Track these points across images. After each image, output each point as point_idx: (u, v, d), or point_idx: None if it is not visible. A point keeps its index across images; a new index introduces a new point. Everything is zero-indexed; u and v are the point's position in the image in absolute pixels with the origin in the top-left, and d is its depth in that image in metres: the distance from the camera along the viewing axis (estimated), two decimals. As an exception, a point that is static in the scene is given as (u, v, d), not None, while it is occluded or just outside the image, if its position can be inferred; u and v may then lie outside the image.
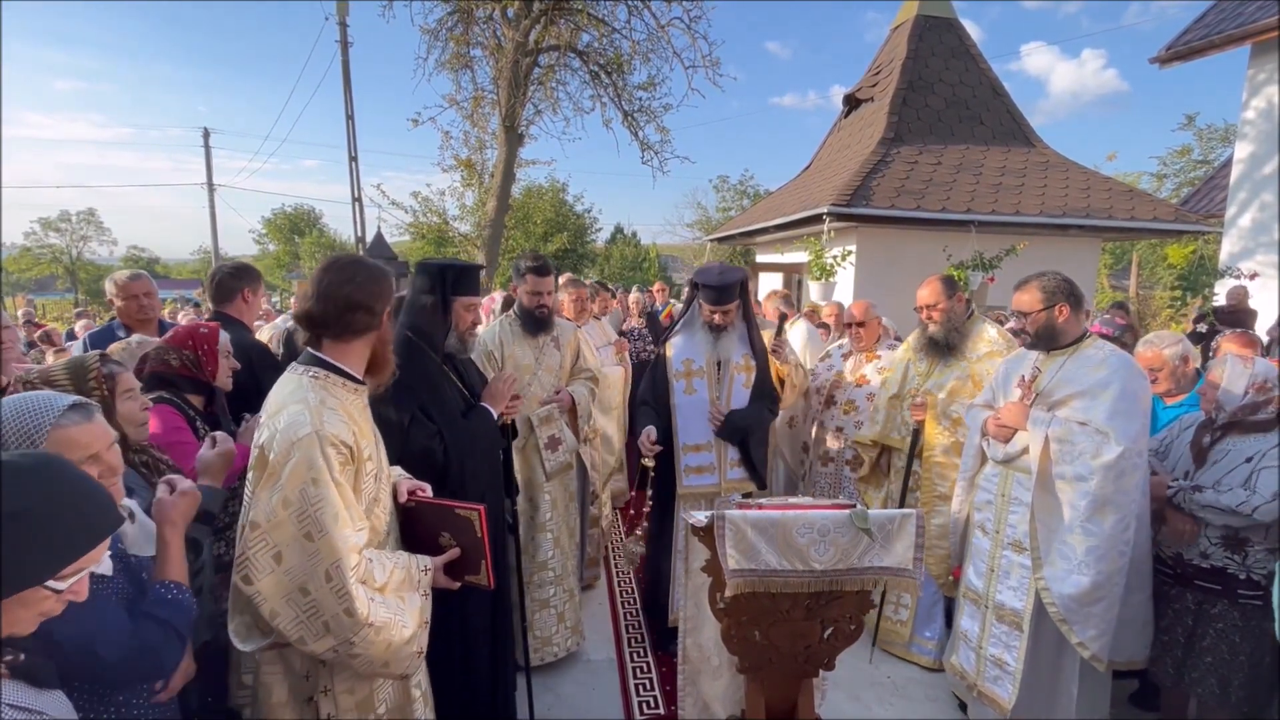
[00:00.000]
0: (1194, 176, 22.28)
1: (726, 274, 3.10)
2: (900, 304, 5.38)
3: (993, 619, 2.62)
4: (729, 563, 1.85)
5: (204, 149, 24.65)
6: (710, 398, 3.13)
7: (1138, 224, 7.54)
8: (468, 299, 2.35)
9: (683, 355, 3.18)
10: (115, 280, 3.44)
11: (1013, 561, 2.56)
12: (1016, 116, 9.02)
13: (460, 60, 13.05)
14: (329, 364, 1.64)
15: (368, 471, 1.65)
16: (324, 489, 1.48)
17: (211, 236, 24.99)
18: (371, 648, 1.53)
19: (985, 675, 2.64)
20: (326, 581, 1.46)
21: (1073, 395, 2.42)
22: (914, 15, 9.04)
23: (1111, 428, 2.28)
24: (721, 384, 3.15)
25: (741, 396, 3.15)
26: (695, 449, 3.15)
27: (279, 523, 1.46)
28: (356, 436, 1.60)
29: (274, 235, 38.21)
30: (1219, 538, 2.33)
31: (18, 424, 1.25)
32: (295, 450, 1.48)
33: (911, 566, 1.90)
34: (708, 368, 3.14)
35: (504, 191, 13.37)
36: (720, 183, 26.82)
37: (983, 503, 2.73)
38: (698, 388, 3.15)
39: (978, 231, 6.98)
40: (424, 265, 2.40)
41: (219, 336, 2.24)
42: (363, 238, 14.58)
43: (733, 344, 3.13)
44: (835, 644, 2.12)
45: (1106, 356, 2.43)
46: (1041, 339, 2.54)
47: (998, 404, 2.74)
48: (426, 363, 2.32)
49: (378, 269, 1.69)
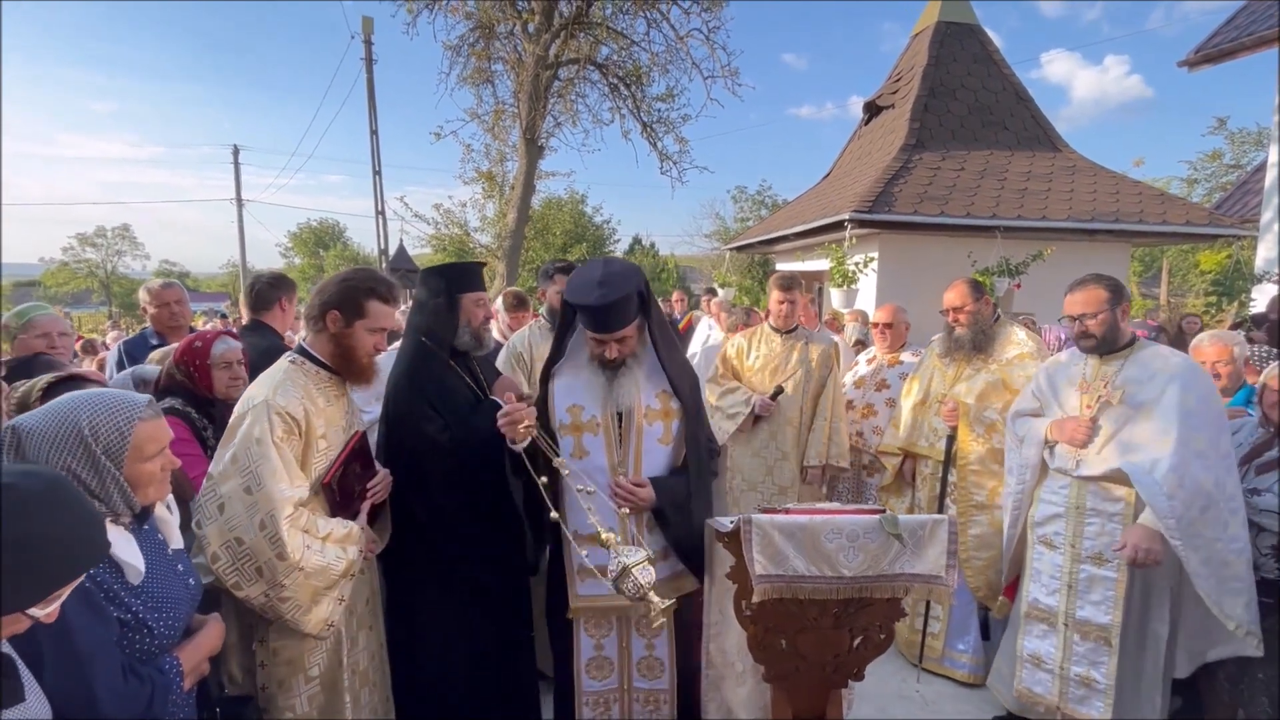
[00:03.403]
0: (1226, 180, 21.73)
1: (610, 286, 2.00)
2: (923, 310, 5.29)
3: (1075, 637, 2.50)
4: (756, 568, 1.80)
5: (233, 165, 25.39)
6: (609, 463, 2.12)
7: (1170, 228, 7.35)
8: (474, 294, 2.36)
9: (569, 398, 2.17)
10: (148, 288, 3.53)
11: (1094, 575, 2.45)
12: (1041, 121, 8.88)
13: (481, 75, 13.28)
14: (305, 351, 1.97)
15: (319, 449, 1.89)
16: (265, 448, 1.72)
17: (240, 250, 25.67)
18: (300, 591, 1.74)
19: (1070, 696, 2.52)
20: (260, 530, 1.67)
21: (1146, 401, 2.34)
22: (935, 21, 8.98)
23: (1175, 476, 2.21)
24: (626, 442, 2.13)
25: (658, 457, 2.16)
26: (591, 540, 1.94)
27: (227, 475, 1.71)
28: (309, 414, 1.85)
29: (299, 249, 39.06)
30: (1270, 548, 2.23)
31: (108, 418, 1.27)
32: (249, 415, 1.76)
33: (944, 574, 1.84)
34: (604, 419, 2.13)
35: (524, 203, 13.51)
36: (738, 193, 26.77)
37: (1047, 516, 2.60)
38: (590, 448, 2.14)
39: (1003, 237, 6.86)
40: (426, 271, 2.42)
41: (211, 349, 2.23)
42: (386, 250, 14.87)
43: (638, 382, 2.12)
44: (865, 654, 2.05)
45: (1167, 359, 2.35)
46: (1106, 340, 2.43)
47: (1050, 412, 2.64)
48: (434, 362, 2.33)
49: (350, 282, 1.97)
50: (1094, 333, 2.42)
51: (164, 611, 1.37)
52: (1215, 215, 8.37)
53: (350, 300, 1.93)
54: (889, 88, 9.41)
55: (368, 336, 1.96)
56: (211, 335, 2.29)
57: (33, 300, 2.67)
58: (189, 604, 1.48)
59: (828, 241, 7.61)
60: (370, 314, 1.95)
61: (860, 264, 6.56)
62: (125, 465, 1.28)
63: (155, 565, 1.39)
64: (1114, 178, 8.23)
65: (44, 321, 2.58)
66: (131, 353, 3.44)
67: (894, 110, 9.08)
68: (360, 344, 1.96)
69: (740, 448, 3.68)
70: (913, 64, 9.06)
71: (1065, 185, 7.82)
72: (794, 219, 9.01)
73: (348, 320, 1.93)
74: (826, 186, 10.03)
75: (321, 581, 1.79)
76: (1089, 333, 2.42)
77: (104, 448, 1.25)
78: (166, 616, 1.38)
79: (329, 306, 1.93)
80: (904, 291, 6.39)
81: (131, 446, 1.28)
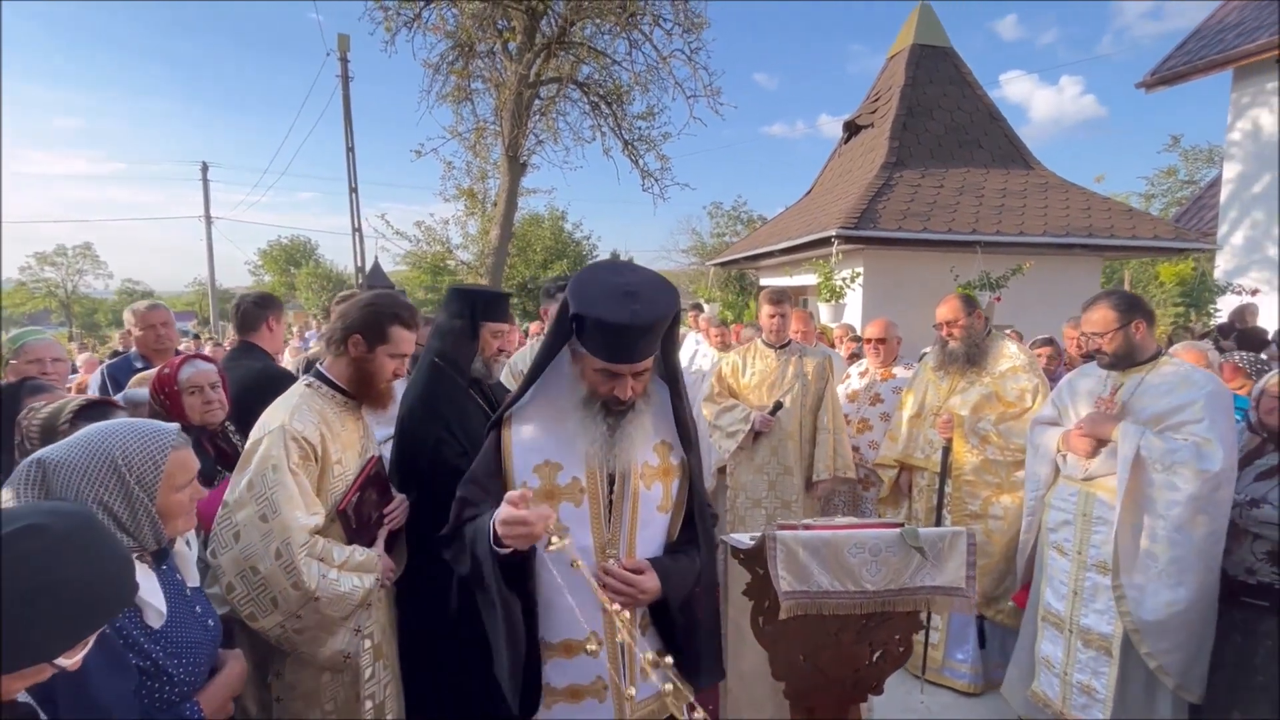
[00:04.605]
0: (1181, 196, 22.65)
1: (646, 300, 1.38)
2: (908, 324, 5.40)
3: (1078, 644, 2.54)
4: (781, 585, 1.80)
5: (202, 182, 24.99)
6: (596, 543, 1.51)
7: (1139, 242, 7.63)
8: (495, 325, 2.36)
9: (536, 454, 1.53)
10: (134, 310, 3.44)
11: (1098, 584, 2.49)
12: (1014, 140, 9.18)
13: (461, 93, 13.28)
14: (322, 375, 1.95)
15: (335, 474, 1.85)
16: (281, 475, 1.69)
17: (208, 268, 25.19)
18: (317, 621, 1.72)
19: (1072, 704, 2.54)
20: (276, 559, 1.64)
21: (1161, 412, 2.38)
22: (910, 44, 9.26)
23: (1214, 436, 2.24)
24: (620, 512, 1.52)
25: (655, 530, 1.58)
26: (567, 649, 1.53)
27: (242, 502, 1.68)
28: (325, 439, 1.81)
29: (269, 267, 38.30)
30: (1265, 553, 2.30)
31: (141, 447, 1.24)
32: (265, 440, 1.73)
33: (964, 585, 1.87)
34: (592, 483, 1.51)
35: (507, 220, 13.49)
36: (714, 209, 27.13)
37: (1058, 523, 2.65)
38: (569, 522, 1.51)
39: (983, 252, 7.04)
40: (455, 290, 2.43)
41: (178, 375, 2.17)
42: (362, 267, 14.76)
43: (643, 432, 1.52)
44: (884, 667, 2.06)
45: (1189, 372, 2.39)
46: (1120, 358, 2.48)
47: (1066, 421, 2.69)
48: (452, 387, 2.31)
49: (374, 307, 1.94)
50: (1106, 350, 2.49)
51: (184, 657, 1.32)
52: (1181, 229, 8.72)
53: (374, 325, 1.93)
54: (868, 107, 9.65)
55: (389, 362, 1.96)
56: (179, 361, 2.23)
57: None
58: (210, 646, 1.43)
59: (814, 257, 7.74)
60: (393, 339, 1.95)
61: (847, 279, 6.67)
62: (159, 496, 1.25)
63: (175, 607, 1.35)
64: (1084, 194, 8.53)
65: (37, 347, 2.52)
66: (115, 376, 3.34)
67: (874, 129, 9.31)
68: (381, 369, 1.95)
69: (742, 465, 3.69)
70: (890, 84, 9.32)
71: (1039, 201, 8.08)
72: (779, 235, 9.14)
73: (370, 345, 1.93)
74: (810, 203, 10.21)
75: (338, 611, 1.76)
76: (1102, 350, 2.49)
77: (137, 478, 1.22)
78: (186, 663, 1.33)
79: (351, 330, 1.92)
80: (889, 306, 6.52)
81: (165, 476, 1.25)
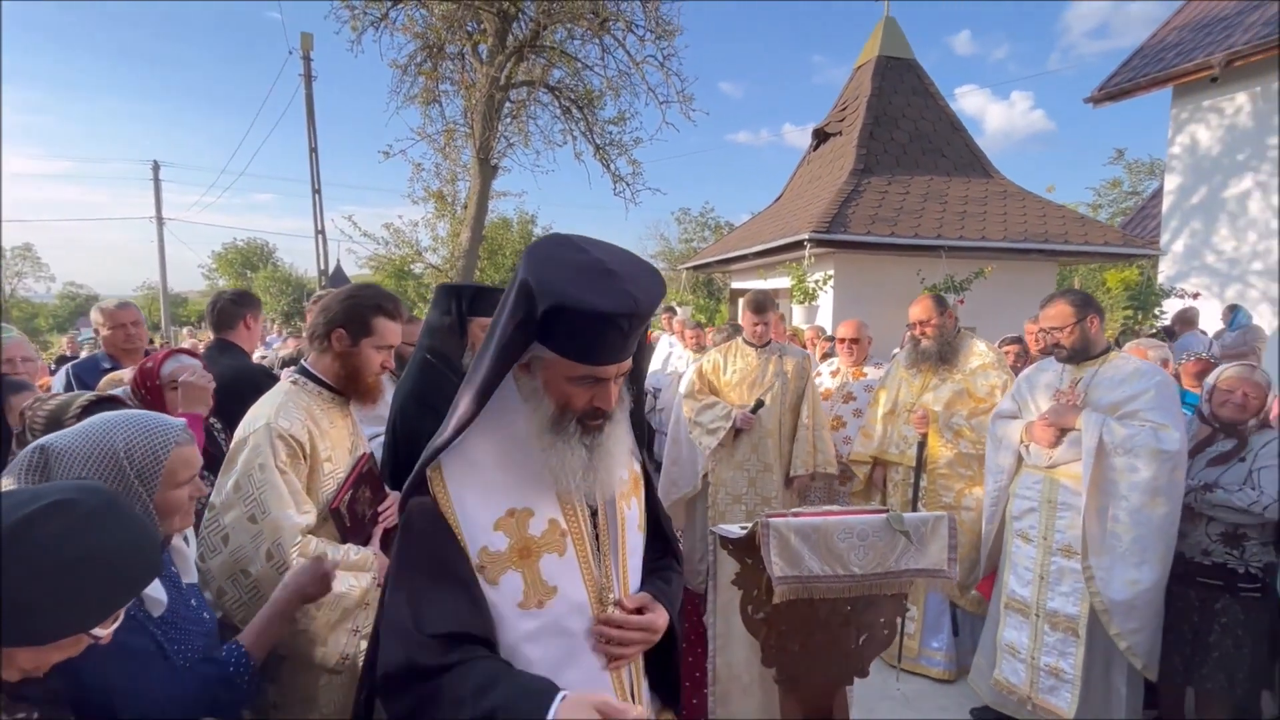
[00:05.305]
0: (1126, 206, 23.82)
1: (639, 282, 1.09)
2: (878, 325, 5.56)
3: (1045, 627, 2.64)
4: (775, 570, 1.86)
5: (153, 182, 24.14)
6: (590, 595, 1.20)
7: (1092, 248, 8.00)
8: (484, 320, 2.36)
9: (497, 503, 1.16)
10: (102, 309, 3.33)
11: (1064, 567, 2.60)
12: (974, 149, 9.54)
13: (430, 95, 13.15)
14: (308, 371, 1.90)
15: (325, 472, 1.82)
16: (269, 474, 1.65)
17: (160, 271, 24.31)
18: (313, 623, 1.66)
19: (1040, 686, 2.64)
20: (268, 560, 1.61)
21: (1117, 401, 2.52)
22: (876, 55, 9.55)
23: (1169, 421, 2.40)
24: (610, 546, 1.25)
25: (639, 553, 1.33)
26: None
27: (230, 504, 1.64)
28: (313, 436, 1.77)
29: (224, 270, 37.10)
30: (1219, 535, 2.45)
31: (145, 440, 1.22)
32: (250, 439, 1.68)
33: (947, 567, 1.95)
34: (569, 522, 1.20)
35: (478, 223, 13.38)
36: (682, 215, 27.49)
37: (1023, 511, 2.76)
38: (556, 578, 1.19)
39: (947, 256, 7.30)
40: (442, 287, 2.44)
41: (161, 369, 2.15)
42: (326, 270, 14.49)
43: (621, 444, 1.23)
44: (869, 650, 2.13)
45: (1138, 365, 2.55)
46: (1077, 351, 2.63)
47: (1026, 414, 2.81)
48: (444, 382, 2.31)
49: (356, 300, 1.90)
50: (1064, 344, 2.64)
51: (183, 644, 1.32)
52: (1129, 236, 9.18)
53: (357, 318, 1.88)
54: (836, 116, 9.90)
55: (375, 354, 1.92)
56: (162, 354, 2.20)
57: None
58: (207, 640, 1.41)
59: (787, 260, 7.90)
60: (377, 331, 1.91)
61: (819, 281, 6.84)
62: (158, 491, 1.23)
63: (172, 599, 1.33)
64: (1040, 202, 8.91)
65: (8, 345, 2.44)
66: (81, 376, 3.22)
67: (841, 137, 9.56)
68: (367, 363, 1.91)
69: (723, 462, 3.75)
70: (857, 94, 9.59)
71: (999, 209, 8.41)
72: (752, 239, 9.30)
73: (354, 339, 1.88)
74: (781, 208, 10.42)
75: (334, 612, 1.72)
76: (1060, 344, 2.64)
77: (138, 471, 1.20)
78: (185, 650, 1.32)
79: (334, 324, 1.87)
80: (859, 307, 6.69)
81: (166, 471, 1.23)
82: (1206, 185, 8.84)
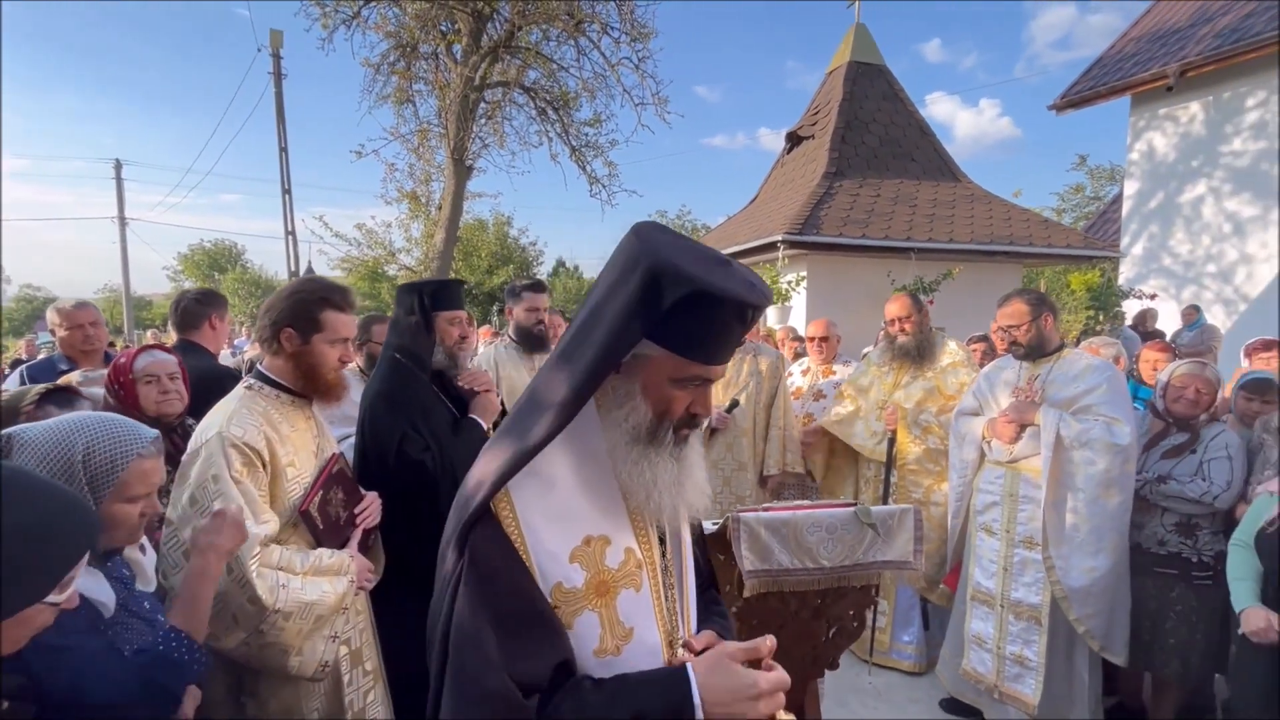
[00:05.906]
0: (1088, 210, 24.54)
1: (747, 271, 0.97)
2: (849, 324, 5.66)
3: (1010, 617, 2.71)
4: (745, 564, 1.88)
5: (115, 181, 23.40)
6: (662, 635, 1.01)
7: (1055, 250, 8.24)
8: (449, 313, 2.34)
9: (573, 530, 0.96)
10: (59, 309, 3.22)
11: (1026, 558, 2.67)
12: (942, 154, 9.75)
13: (403, 94, 13.00)
14: (263, 375, 1.83)
15: (289, 478, 1.75)
16: (224, 485, 1.59)
17: (122, 272, 23.60)
18: (282, 634, 1.61)
19: (1006, 675, 2.71)
20: (228, 574, 1.53)
21: (1072, 396, 2.60)
22: (847, 61, 9.71)
23: (1120, 415, 2.48)
24: (676, 580, 1.08)
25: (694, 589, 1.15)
26: None
27: (187, 518, 1.58)
28: (271, 442, 1.71)
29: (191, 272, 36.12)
30: (1174, 525, 2.54)
31: (106, 447, 1.20)
32: (202, 450, 1.63)
33: (913, 559, 2.00)
34: (644, 551, 1.03)
35: (452, 224, 13.25)
36: (659, 217, 27.59)
37: (986, 505, 2.83)
38: (632, 617, 0.99)
39: (917, 258, 7.45)
40: (402, 288, 2.40)
41: (134, 363, 2.09)
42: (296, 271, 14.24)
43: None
44: (839, 642, 2.17)
45: (1091, 361, 2.64)
46: (1032, 348, 2.71)
47: (988, 411, 2.88)
48: (413, 381, 2.30)
49: (300, 295, 1.83)
50: (1020, 341, 2.71)
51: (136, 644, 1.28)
52: (1090, 239, 9.45)
53: (303, 314, 1.79)
54: (809, 119, 10.03)
55: (329, 350, 1.83)
56: (137, 350, 2.15)
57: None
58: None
59: (761, 262, 7.98)
60: (327, 325, 1.81)
61: (792, 282, 6.92)
62: (105, 500, 1.19)
63: (123, 599, 1.30)
64: (1006, 205, 9.14)
65: None
66: (37, 379, 3.12)
67: (814, 140, 9.69)
68: (322, 359, 1.82)
69: (697, 460, 3.76)
70: (829, 99, 9.73)
71: (966, 211, 8.60)
72: (726, 240, 9.37)
73: (304, 336, 1.80)
74: (755, 210, 10.52)
75: (306, 621, 1.66)
76: (1017, 341, 2.71)
77: (90, 475, 1.17)
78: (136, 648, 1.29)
79: (281, 325, 1.79)
80: (831, 308, 6.79)
81: (120, 482, 1.20)
82: (1163, 190, 9.14)
